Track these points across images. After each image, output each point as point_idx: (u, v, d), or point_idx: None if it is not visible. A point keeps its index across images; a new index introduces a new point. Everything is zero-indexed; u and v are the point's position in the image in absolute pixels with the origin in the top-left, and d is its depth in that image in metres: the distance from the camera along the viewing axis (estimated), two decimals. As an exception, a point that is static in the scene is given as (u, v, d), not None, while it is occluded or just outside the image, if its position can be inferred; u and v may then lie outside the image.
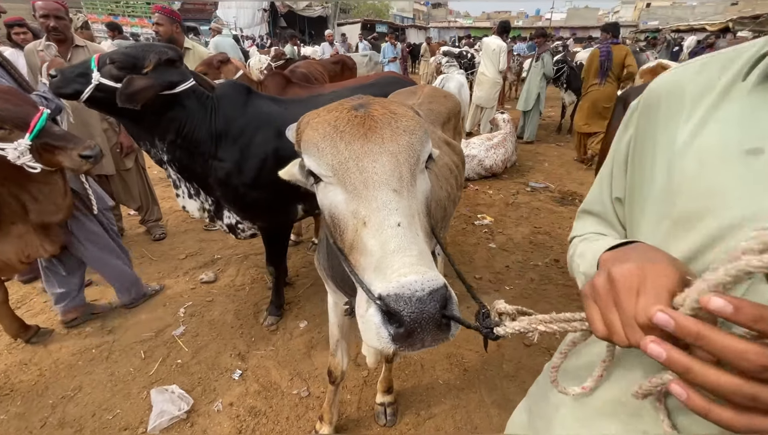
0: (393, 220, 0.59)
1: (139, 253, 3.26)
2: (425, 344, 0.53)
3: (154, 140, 1.90)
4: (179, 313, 2.55)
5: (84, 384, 2.02)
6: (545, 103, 6.87)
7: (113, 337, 2.35)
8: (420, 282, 0.52)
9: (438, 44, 15.28)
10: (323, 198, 0.70)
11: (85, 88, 1.69)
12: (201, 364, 2.16)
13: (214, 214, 2.20)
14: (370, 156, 0.64)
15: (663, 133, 0.58)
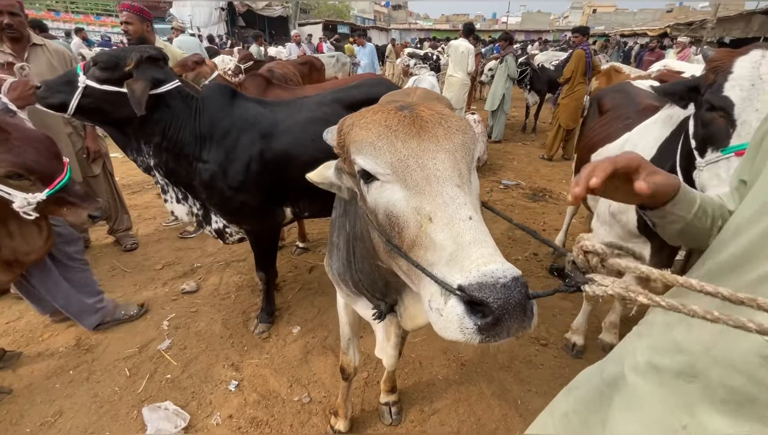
0: (464, 214, 0.59)
1: (110, 265, 3.06)
2: (510, 333, 0.52)
3: (140, 144, 1.85)
4: (163, 326, 2.43)
5: (65, 408, 1.88)
6: (511, 104, 7.15)
7: (92, 355, 2.19)
8: (502, 270, 0.52)
9: (401, 46, 15.46)
10: (378, 197, 0.69)
11: (71, 97, 1.65)
12: (193, 377, 2.07)
13: (202, 218, 2.14)
14: (429, 153, 0.65)
15: None
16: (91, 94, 1.68)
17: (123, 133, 1.85)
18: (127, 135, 1.86)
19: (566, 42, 19.06)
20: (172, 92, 1.82)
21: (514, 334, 0.53)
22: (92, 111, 1.73)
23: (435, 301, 0.57)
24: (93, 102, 1.70)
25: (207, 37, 16.15)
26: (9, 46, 2.54)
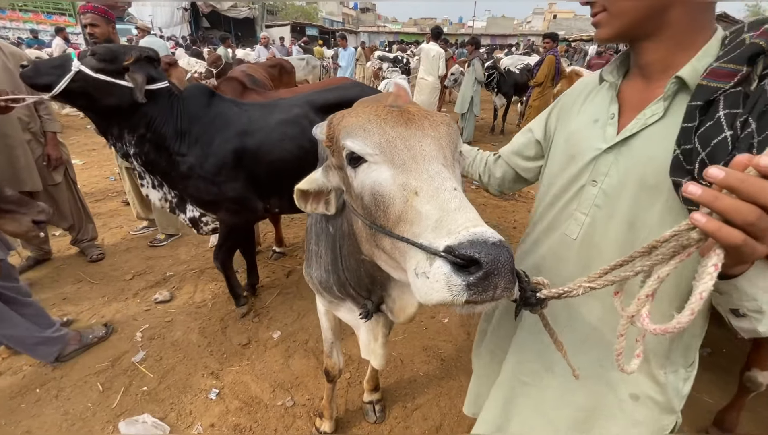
0: (449, 185, 0.61)
1: (76, 277, 2.92)
2: (497, 292, 0.52)
3: (124, 133, 1.93)
4: (136, 338, 2.35)
5: (33, 428, 1.79)
6: (480, 106, 7.37)
7: (60, 372, 2.10)
8: (489, 231, 0.54)
9: (370, 49, 15.56)
10: (365, 178, 0.71)
11: (59, 79, 1.72)
12: (171, 388, 2.02)
13: (176, 206, 2.21)
14: (416, 138, 0.69)
15: (568, 119, 0.98)
16: (81, 80, 1.76)
17: (105, 119, 1.93)
18: (109, 122, 1.94)
19: (529, 46, 19.80)
20: (162, 90, 1.94)
21: (499, 295, 0.53)
22: (78, 95, 1.80)
23: (420, 266, 0.57)
24: (81, 86, 1.77)
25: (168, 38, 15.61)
26: None
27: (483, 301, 0.53)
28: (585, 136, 0.89)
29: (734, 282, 0.57)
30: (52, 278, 2.91)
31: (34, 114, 2.67)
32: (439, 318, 2.60)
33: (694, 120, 0.66)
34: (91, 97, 1.82)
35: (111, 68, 1.81)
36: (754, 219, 0.42)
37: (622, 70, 0.89)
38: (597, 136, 0.86)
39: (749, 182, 0.42)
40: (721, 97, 0.64)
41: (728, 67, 0.64)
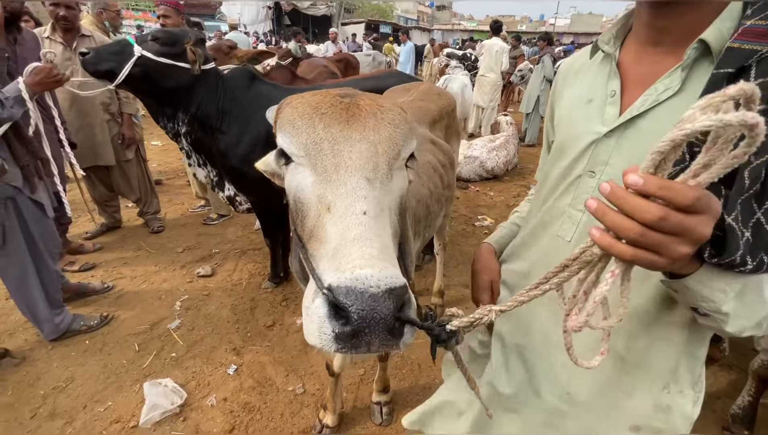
0: (359, 208, 0.55)
1: (137, 245, 3.23)
2: (371, 349, 0.48)
3: (177, 113, 2.05)
4: (175, 307, 2.52)
5: (76, 375, 1.99)
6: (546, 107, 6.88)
7: (107, 328, 2.32)
8: (377, 277, 0.47)
9: (441, 46, 15.31)
10: (291, 180, 0.67)
11: (121, 65, 1.83)
12: (196, 358, 2.14)
13: (216, 184, 2.32)
14: (348, 141, 0.62)
15: (560, 98, 0.86)
16: (143, 64, 1.87)
17: (159, 102, 2.06)
18: (162, 104, 2.06)
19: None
20: (210, 71, 2.05)
21: (374, 351, 0.49)
22: (138, 80, 1.91)
23: (308, 297, 0.53)
24: (142, 71, 1.89)
25: (253, 34, 16.78)
26: (61, 35, 2.74)
27: (357, 353, 0.48)
28: (577, 119, 0.77)
29: (683, 282, 0.54)
30: (118, 244, 3.25)
31: (114, 96, 2.98)
32: (468, 326, 2.44)
33: None
34: (151, 81, 1.94)
35: (172, 51, 1.93)
36: (636, 235, 0.43)
37: (620, 39, 0.74)
38: (593, 118, 0.73)
39: (626, 199, 0.43)
40: (754, 63, 0.52)
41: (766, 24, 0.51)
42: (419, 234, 1.55)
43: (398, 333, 0.49)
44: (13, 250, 1.97)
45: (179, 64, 1.94)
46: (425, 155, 1.66)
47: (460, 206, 4.25)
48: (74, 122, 2.80)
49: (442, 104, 2.04)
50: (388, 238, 0.57)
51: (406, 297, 0.50)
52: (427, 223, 1.61)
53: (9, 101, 1.75)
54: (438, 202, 1.69)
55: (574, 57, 0.88)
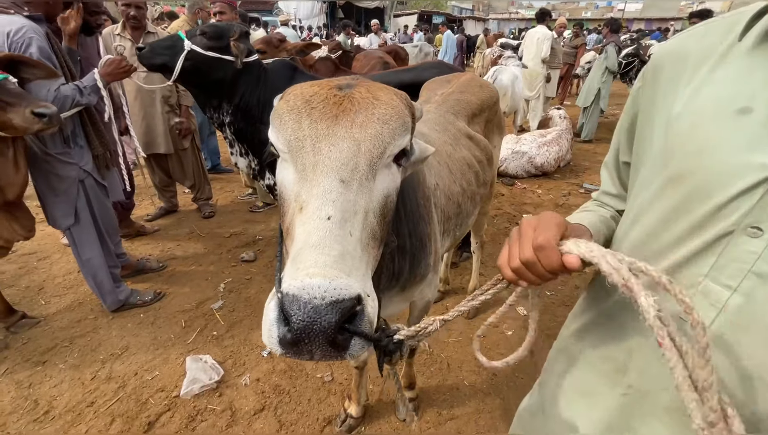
0: (324, 212, 0.55)
1: (190, 228, 3.47)
2: (314, 357, 0.49)
3: (222, 103, 2.13)
4: (219, 288, 2.68)
5: (131, 345, 2.19)
6: (610, 100, 6.37)
7: (159, 303, 2.52)
8: (323, 288, 0.48)
9: (495, 36, 14.73)
10: (279, 174, 0.68)
11: (173, 60, 1.95)
12: (234, 338, 2.26)
13: (257, 173, 2.40)
14: (330, 139, 0.61)
15: (664, 98, 0.60)
16: (192, 58, 1.99)
17: (206, 93, 2.17)
18: (209, 96, 2.16)
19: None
20: (253, 63, 2.13)
21: (319, 359, 0.50)
22: (188, 73, 2.03)
23: (269, 297, 0.54)
24: (192, 65, 2.00)
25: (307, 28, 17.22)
26: (130, 32, 2.98)
27: (301, 359, 0.50)
28: (720, 140, 0.50)
29: None
30: (173, 226, 3.51)
31: (174, 89, 3.19)
32: (503, 328, 2.35)
33: None
34: (200, 73, 2.06)
35: (218, 45, 2.03)
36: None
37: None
38: (758, 141, 0.47)
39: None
40: None
41: None
42: (449, 232, 1.50)
43: (342, 345, 0.50)
44: (84, 227, 2.21)
45: (224, 57, 2.04)
46: (460, 151, 1.60)
47: (504, 203, 4.08)
48: (138, 113, 3.05)
49: (483, 97, 1.95)
50: (354, 244, 0.56)
51: (358, 308, 0.50)
52: (459, 222, 1.56)
53: (87, 89, 1.99)
54: (471, 200, 1.62)
55: (691, 35, 0.60)
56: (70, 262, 2.92)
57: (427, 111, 1.69)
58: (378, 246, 0.68)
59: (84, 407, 1.83)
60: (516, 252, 0.58)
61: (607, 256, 0.49)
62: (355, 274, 0.54)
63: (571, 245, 0.54)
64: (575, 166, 5.18)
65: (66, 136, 2.07)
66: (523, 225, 0.60)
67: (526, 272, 0.57)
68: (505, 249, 0.61)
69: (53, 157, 2.05)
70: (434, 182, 1.32)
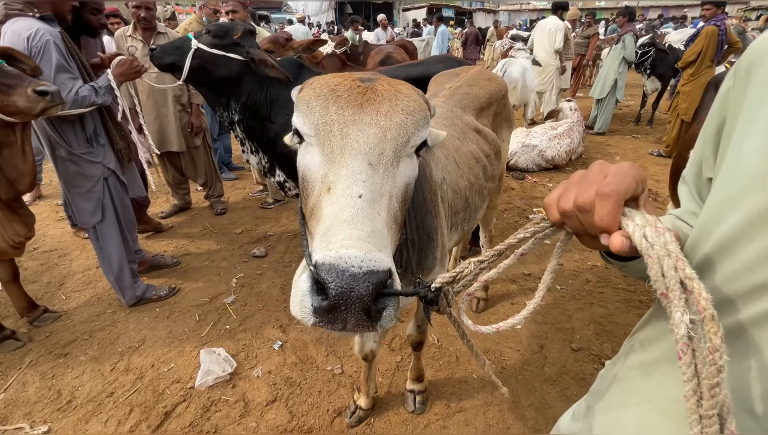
0: (356, 191, 0.57)
1: (203, 225, 3.54)
2: (347, 327, 0.50)
3: (230, 102, 2.17)
4: (231, 283, 2.74)
5: (147, 338, 2.26)
6: (624, 91, 6.23)
7: (174, 298, 2.59)
8: (360, 258, 0.49)
9: (506, 28, 14.51)
10: (301, 159, 0.70)
11: (182, 59, 2.01)
12: (246, 331, 2.31)
13: (267, 170, 2.44)
14: (358, 124, 0.63)
15: (762, 101, 0.48)
16: (199, 57, 2.05)
17: (215, 92, 2.21)
18: (218, 94, 2.21)
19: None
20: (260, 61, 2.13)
21: (351, 330, 0.51)
22: (196, 71, 2.08)
23: (297, 272, 0.56)
24: (199, 63, 2.06)
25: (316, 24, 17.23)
26: (140, 33, 3.04)
27: (333, 330, 0.50)
28: None
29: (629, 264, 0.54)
30: (187, 223, 3.59)
31: (184, 88, 3.25)
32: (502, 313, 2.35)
33: None
34: (207, 72, 2.10)
35: (223, 43, 2.08)
36: None
37: None
38: None
39: None
40: None
41: None
42: (456, 226, 1.51)
43: (376, 316, 0.51)
44: (108, 224, 2.29)
45: (230, 55, 2.08)
46: (468, 145, 1.60)
47: (515, 197, 4.05)
48: (151, 112, 3.11)
49: (491, 90, 1.94)
50: (382, 224, 0.58)
51: (390, 281, 0.51)
52: (466, 216, 1.56)
53: (102, 90, 2.06)
54: (479, 195, 1.62)
55: None
56: (89, 259, 3.01)
57: (435, 105, 1.69)
58: (398, 230, 0.69)
59: (104, 397, 1.90)
60: (572, 193, 0.48)
61: (664, 260, 0.42)
62: (384, 251, 0.55)
63: (638, 222, 0.44)
64: (587, 159, 5.10)
65: (89, 135, 2.15)
66: (594, 167, 0.49)
67: (574, 218, 0.49)
68: (558, 189, 0.52)
69: (79, 158, 2.13)
70: (441, 176, 1.32)
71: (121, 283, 2.42)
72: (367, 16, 24.50)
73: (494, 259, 0.56)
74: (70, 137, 2.09)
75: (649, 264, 0.43)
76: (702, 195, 0.65)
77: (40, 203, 4.00)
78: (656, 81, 6.24)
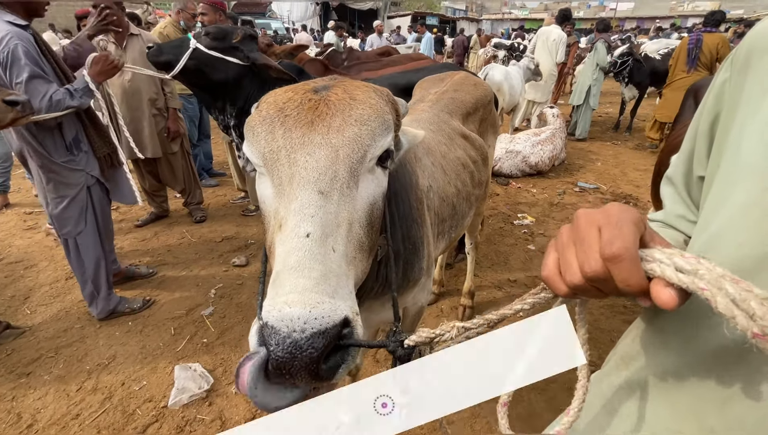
0: (303, 229, 0.52)
1: (181, 234, 3.41)
2: (298, 386, 0.47)
3: (226, 106, 2.14)
4: (210, 294, 2.63)
5: (118, 354, 2.13)
6: (603, 99, 6.39)
7: (148, 311, 2.47)
8: (304, 319, 0.45)
9: (487, 37, 14.79)
10: (257, 188, 0.65)
11: (178, 57, 1.97)
12: (225, 345, 2.21)
13: None
14: (307, 148, 0.57)
15: (764, 93, 0.44)
16: (196, 57, 2.01)
17: (211, 95, 2.17)
18: (214, 97, 2.17)
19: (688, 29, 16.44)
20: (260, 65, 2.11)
21: (304, 388, 0.48)
22: (192, 72, 2.04)
23: (253, 323, 0.53)
24: (196, 64, 2.02)
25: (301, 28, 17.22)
26: (113, 36, 2.93)
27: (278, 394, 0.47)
28: None
29: None
30: (164, 232, 3.45)
31: (161, 92, 3.15)
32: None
33: None
34: (203, 73, 2.05)
35: (222, 46, 2.04)
36: None
37: None
38: None
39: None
40: None
41: None
42: (443, 234, 1.46)
43: (327, 375, 0.47)
44: (89, 233, 2.19)
45: (228, 58, 2.04)
46: (455, 150, 1.56)
47: (499, 203, 4.06)
48: (125, 116, 2.98)
49: (477, 95, 1.92)
50: (338, 261, 0.53)
51: (346, 331, 0.48)
52: (453, 223, 1.52)
53: (78, 91, 1.95)
54: (467, 201, 1.59)
55: None
56: (58, 270, 2.86)
57: (421, 110, 1.66)
58: (367, 257, 0.65)
59: (69, 420, 1.77)
60: (574, 262, 0.42)
61: (726, 286, 0.33)
62: (340, 293, 0.51)
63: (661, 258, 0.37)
64: (570, 164, 5.17)
65: (68, 143, 2.05)
66: (580, 220, 0.42)
67: (591, 290, 0.42)
68: (551, 254, 0.45)
69: (60, 166, 2.04)
70: (427, 184, 1.28)
71: (96, 294, 2.30)
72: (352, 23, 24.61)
73: (482, 328, 0.51)
74: (49, 145, 1.99)
75: (709, 298, 0.34)
76: (692, 194, 0.61)
77: (7, 212, 3.81)
78: (634, 89, 6.41)
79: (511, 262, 3.00)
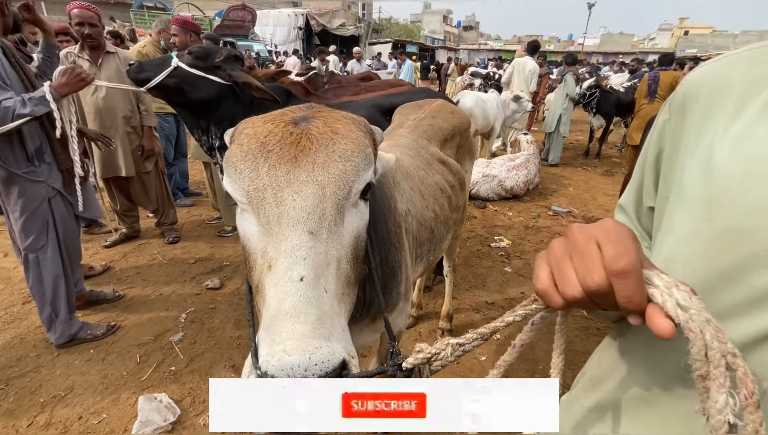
0: (296, 273, 0.52)
1: (152, 256, 3.29)
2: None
3: (210, 126, 2.11)
4: (180, 319, 2.52)
5: (76, 384, 1.99)
6: (574, 127, 6.71)
7: (113, 337, 2.33)
8: (304, 366, 0.46)
9: (465, 65, 15.41)
10: (240, 225, 0.63)
11: (156, 75, 1.96)
12: (194, 373, 2.10)
13: None
14: (293, 186, 0.57)
15: (699, 134, 0.49)
16: (177, 75, 1.99)
17: (194, 114, 2.15)
18: (197, 117, 2.15)
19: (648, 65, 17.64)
20: (245, 88, 2.10)
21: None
22: (172, 89, 2.03)
23: (246, 365, 0.52)
24: (177, 82, 2.00)
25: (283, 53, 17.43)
26: (88, 53, 2.89)
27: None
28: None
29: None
30: (134, 253, 3.32)
31: (135, 110, 3.09)
32: (476, 353, 2.31)
33: None
34: (184, 92, 2.04)
35: (204, 65, 2.04)
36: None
37: None
38: None
39: None
40: None
41: None
42: (421, 257, 1.47)
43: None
44: (50, 249, 2.07)
45: (210, 77, 2.04)
46: (433, 175, 1.59)
47: (477, 226, 4.13)
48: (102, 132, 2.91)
49: (454, 122, 1.98)
50: (331, 300, 0.54)
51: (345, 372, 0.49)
52: (432, 247, 1.53)
53: (33, 100, 1.85)
54: (444, 225, 1.61)
55: (733, 61, 0.49)
56: (14, 294, 2.69)
57: (400, 135, 1.69)
58: (353, 290, 0.64)
59: (16, 459, 1.62)
60: (572, 275, 0.41)
61: (707, 335, 0.36)
62: (336, 335, 0.51)
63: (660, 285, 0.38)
64: (543, 188, 5.35)
65: (30, 154, 1.96)
66: (576, 235, 0.42)
67: (587, 303, 0.42)
68: (542, 268, 0.45)
69: (20, 177, 1.94)
70: (406, 208, 1.30)
71: (55, 316, 2.16)
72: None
73: (476, 342, 0.52)
74: (8, 156, 1.90)
75: (691, 340, 0.36)
76: (642, 222, 0.64)
77: (-39, 231, 3.57)
78: (601, 118, 6.79)
79: (489, 284, 3.03)
